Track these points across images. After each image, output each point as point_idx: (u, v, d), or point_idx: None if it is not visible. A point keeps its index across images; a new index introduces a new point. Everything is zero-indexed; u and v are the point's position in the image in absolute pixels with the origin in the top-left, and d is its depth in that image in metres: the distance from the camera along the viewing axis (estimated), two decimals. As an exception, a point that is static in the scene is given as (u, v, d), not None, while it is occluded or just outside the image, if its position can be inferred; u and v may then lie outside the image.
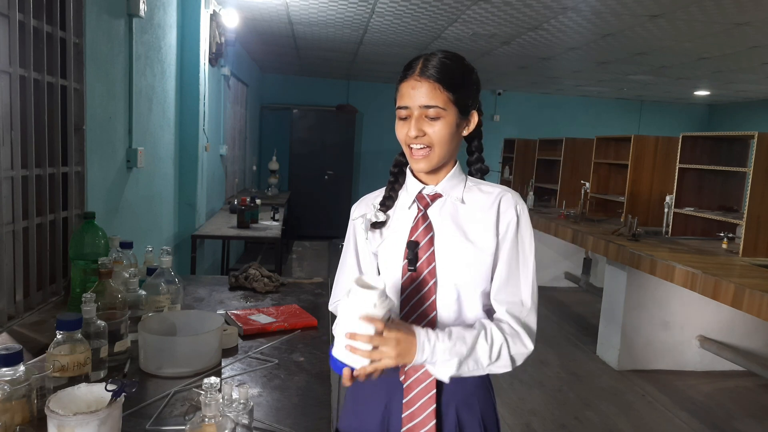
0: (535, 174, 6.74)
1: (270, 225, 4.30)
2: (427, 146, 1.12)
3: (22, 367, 1.00)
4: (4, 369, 0.98)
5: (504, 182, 7.74)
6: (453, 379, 1.12)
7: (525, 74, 7.16)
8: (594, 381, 3.84)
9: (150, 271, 1.69)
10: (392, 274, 1.18)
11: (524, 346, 1.12)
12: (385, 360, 1.02)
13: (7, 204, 1.68)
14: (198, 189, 3.91)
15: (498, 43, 5.28)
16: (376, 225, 1.22)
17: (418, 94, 1.10)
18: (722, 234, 3.84)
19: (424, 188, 1.19)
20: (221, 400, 1.02)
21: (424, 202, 1.19)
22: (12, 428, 0.98)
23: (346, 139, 8.48)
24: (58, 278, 1.99)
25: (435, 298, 1.15)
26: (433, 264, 1.15)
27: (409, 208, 1.21)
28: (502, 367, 1.12)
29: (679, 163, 4.14)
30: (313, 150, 8.36)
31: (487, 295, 1.16)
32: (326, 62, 7.14)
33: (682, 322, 4.06)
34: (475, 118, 1.18)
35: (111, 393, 0.96)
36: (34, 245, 1.82)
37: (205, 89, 3.95)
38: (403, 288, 1.16)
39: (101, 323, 1.27)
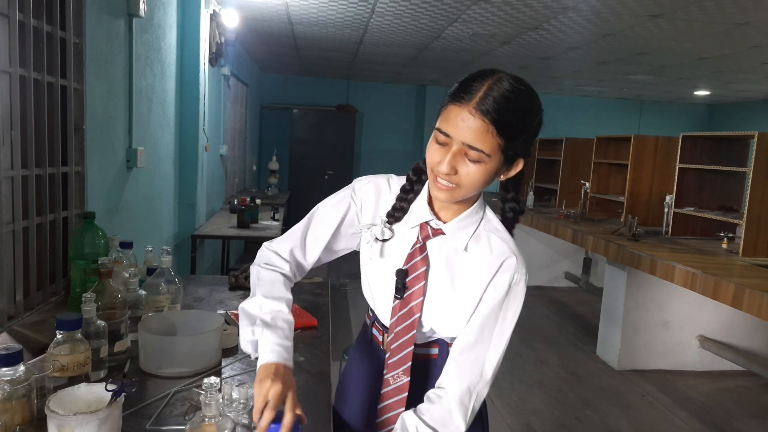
0: (535, 174, 6.74)
1: (270, 225, 4.30)
2: (455, 185, 1.00)
3: (22, 367, 1.00)
4: (4, 369, 0.98)
5: (504, 182, 7.73)
6: (431, 378, 1.17)
7: (525, 74, 7.11)
8: (594, 381, 3.84)
9: (150, 271, 1.69)
10: (382, 293, 1.17)
11: (457, 429, 1.01)
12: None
13: (7, 204, 1.68)
14: (198, 189, 3.91)
15: (498, 43, 5.28)
16: (381, 239, 1.15)
17: (467, 129, 0.95)
18: (722, 234, 3.84)
19: (431, 220, 1.10)
20: (221, 400, 1.02)
21: (425, 233, 1.11)
22: (12, 428, 0.98)
23: (346, 139, 8.48)
24: (58, 278, 1.99)
25: (415, 333, 1.13)
26: (421, 299, 1.10)
27: (412, 228, 1.12)
28: None
29: (679, 163, 4.15)
30: (313, 150, 8.35)
31: None
32: (326, 62, 7.14)
33: (682, 322, 4.06)
34: (519, 167, 1.04)
35: (111, 393, 0.96)
36: (34, 245, 1.82)
37: (205, 89, 3.95)
38: (392, 312, 1.15)
39: (101, 323, 1.27)
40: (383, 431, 1.17)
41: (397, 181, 1.19)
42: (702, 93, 8.13)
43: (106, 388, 0.97)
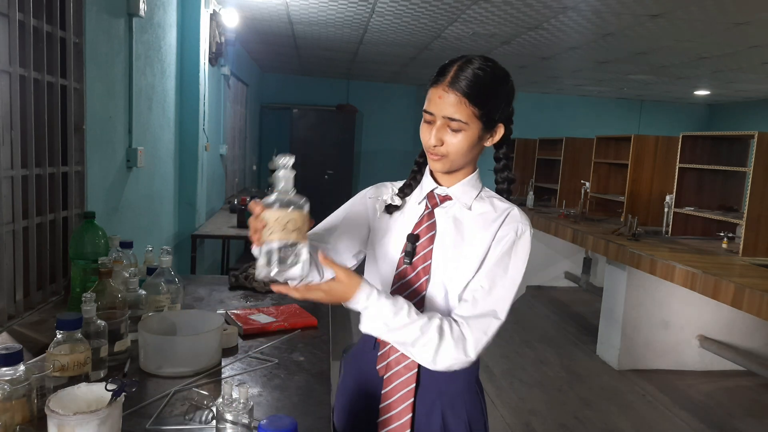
0: (535, 173, 6.74)
1: (270, 224, 4.30)
2: (445, 154, 1.13)
3: (22, 367, 1.00)
4: (4, 368, 0.98)
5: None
6: (440, 379, 1.16)
7: (525, 74, 7.16)
8: (594, 380, 3.84)
9: (150, 271, 1.69)
10: (388, 263, 1.20)
11: (464, 353, 1.06)
12: (317, 294, 1.06)
13: (7, 203, 1.68)
14: (198, 188, 3.91)
15: (498, 43, 5.28)
16: (390, 208, 1.24)
17: (444, 104, 1.10)
18: (722, 234, 3.84)
19: (436, 188, 1.21)
20: (224, 396, 1.02)
21: (434, 201, 1.21)
22: (12, 428, 0.98)
23: (346, 138, 8.47)
24: (58, 278, 1.99)
25: (425, 295, 1.16)
26: (428, 261, 1.16)
27: (419, 203, 1.23)
28: (421, 359, 1.09)
29: (679, 162, 4.14)
30: (313, 150, 8.35)
31: None
32: (326, 62, 7.14)
33: (682, 322, 4.06)
34: (501, 131, 1.18)
35: (111, 392, 0.96)
36: (34, 245, 1.82)
37: (205, 89, 3.94)
38: (395, 280, 1.18)
39: (101, 323, 1.27)
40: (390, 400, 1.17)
41: (399, 182, 1.30)
42: (702, 93, 8.13)
43: (106, 388, 0.97)
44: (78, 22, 2.03)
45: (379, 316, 1.05)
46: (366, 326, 1.07)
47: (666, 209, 4.26)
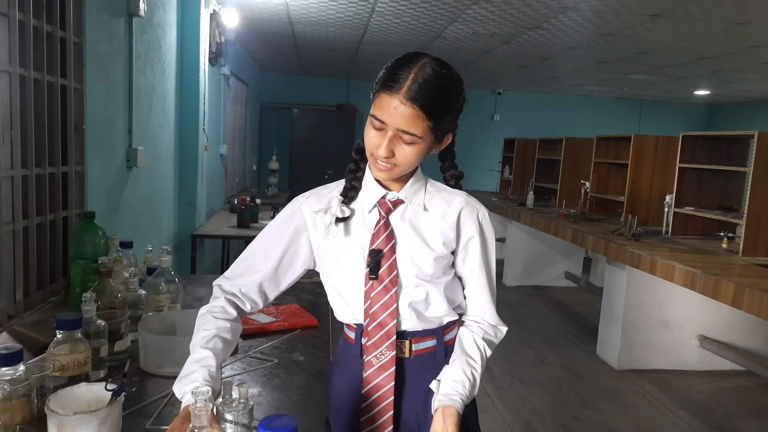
0: (535, 173, 6.74)
1: (270, 224, 4.30)
2: (393, 165, 1.10)
3: (22, 367, 1.00)
4: (4, 368, 0.98)
5: (504, 182, 7.74)
6: (431, 370, 1.17)
7: (525, 74, 7.16)
8: (594, 380, 3.84)
9: (150, 271, 1.69)
10: (350, 279, 1.17)
11: (502, 334, 1.24)
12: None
13: (7, 203, 1.68)
14: (198, 188, 3.91)
15: (498, 43, 5.28)
16: (341, 220, 1.17)
17: (399, 116, 1.04)
18: (722, 233, 3.84)
19: (387, 194, 1.17)
20: (222, 399, 1.02)
21: (386, 207, 1.17)
22: (12, 428, 0.98)
23: (346, 138, 8.47)
24: (58, 278, 1.99)
25: (396, 307, 1.14)
26: (395, 272, 1.14)
27: (370, 212, 1.18)
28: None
29: (679, 162, 4.14)
30: (313, 149, 8.35)
31: (446, 291, 1.19)
32: (326, 62, 7.14)
33: (682, 322, 4.06)
34: (448, 140, 1.16)
35: (111, 392, 0.96)
36: (34, 245, 1.82)
37: (205, 89, 3.94)
38: (366, 297, 1.15)
39: (101, 323, 1.27)
40: (374, 411, 1.16)
41: (333, 184, 1.26)
42: (702, 92, 8.13)
43: (106, 388, 0.97)
44: (78, 22, 2.03)
45: (467, 392, 1.11)
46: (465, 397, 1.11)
47: (666, 209, 4.26)
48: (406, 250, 1.15)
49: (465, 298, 1.24)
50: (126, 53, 2.59)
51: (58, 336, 1.14)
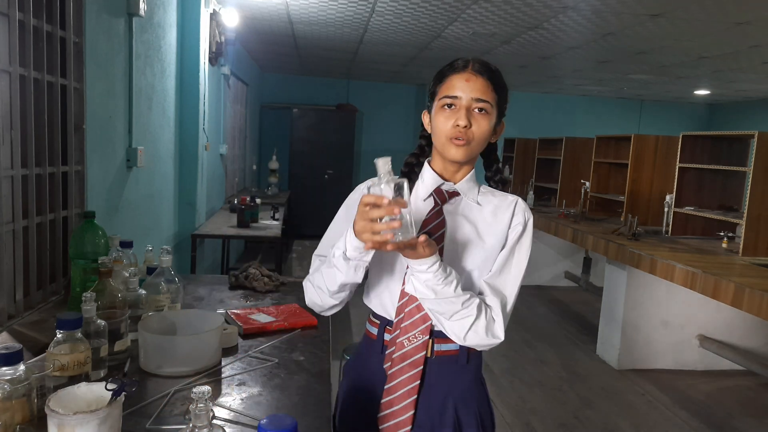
0: (535, 173, 6.74)
1: (270, 224, 4.30)
2: (467, 141, 1.15)
3: (22, 366, 1.00)
4: (4, 368, 0.98)
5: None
6: (449, 376, 1.16)
7: (525, 73, 7.16)
8: (594, 380, 3.84)
9: (150, 271, 1.69)
10: (395, 258, 1.19)
11: (494, 336, 1.14)
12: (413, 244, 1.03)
13: (7, 203, 1.68)
14: (198, 188, 3.91)
15: (498, 43, 5.27)
16: (397, 189, 1.19)
17: (473, 87, 1.14)
18: (722, 233, 3.84)
19: (443, 184, 1.21)
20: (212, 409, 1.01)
21: (442, 197, 1.21)
22: (12, 427, 0.98)
23: (346, 138, 8.47)
24: (58, 277, 1.99)
25: None
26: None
27: (425, 200, 1.21)
28: (452, 333, 1.13)
29: (679, 162, 4.14)
30: (313, 149, 8.35)
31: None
32: (326, 61, 7.14)
33: (682, 322, 4.06)
34: (502, 129, 1.23)
35: (111, 392, 0.96)
36: (34, 244, 1.82)
37: (205, 88, 3.94)
38: (406, 277, 1.17)
39: (101, 322, 1.27)
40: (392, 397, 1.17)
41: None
42: (702, 92, 8.13)
43: (106, 388, 0.97)
44: (78, 22, 2.03)
45: (432, 281, 1.07)
46: (415, 289, 1.09)
47: (666, 209, 4.26)
48: (455, 239, 1.18)
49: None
50: (126, 53, 2.58)
51: (58, 336, 1.14)
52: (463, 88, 1.14)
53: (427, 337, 1.16)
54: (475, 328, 1.11)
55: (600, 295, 4.55)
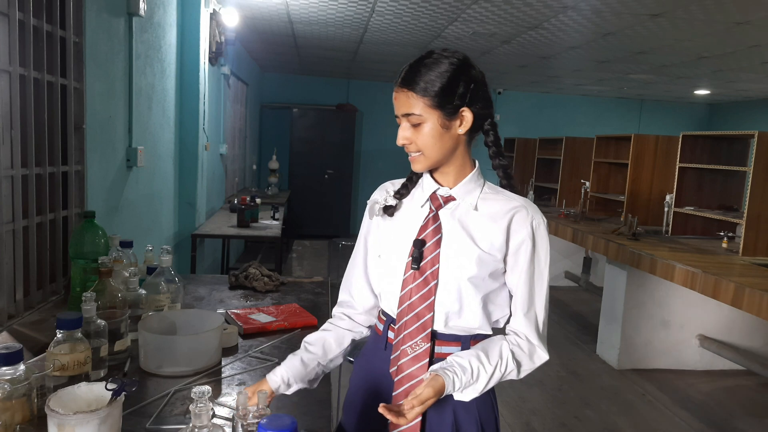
0: (535, 173, 6.74)
1: (270, 224, 4.30)
2: (418, 152, 1.15)
3: (22, 366, 1.00)
4: (5, 368, 0.98)
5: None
6: None
7: (525, 73, 7.16)
8: (594, 380, 3.84)
9: (150, 270, 1.69)
10: (394, 267, 1.19)
11: (540, 359, 1.18)
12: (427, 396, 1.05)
13: (7, 203, 1.68)
14: (198, 188, 3.91)
15: (498, 42, 5.27)
16: (387, 209, 1.23)
17: (398, 104, 1.14)
18: (722, 233, 3.84)
19: (438, 189, 1.20)
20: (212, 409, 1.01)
21: (437, 203, 1.19)
22: (12, 427, 0.98)
23: (346, 138, 8.47)
24: (59, 277, 1.99)
25: (434, 300, 1.15)
26: (436, 266, 1.15)
27: (422, 206, 1.21)
28: (509, 379, 1.19)
29: (679, 162, 4.14)
30: (313, 149, 8.35)
31: (487, 301, 1.17)
32: (326, 61, 7.14)
33: (682, 321, 4.06)
34: (468, 115, 1.13)
35: (111, 392, 0.96)
36: (34, 244, 1.82)
37: (205, 88, 3.94)
38: (404, 285, 1.17)
39: (101, 322, 1.27)
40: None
41: (399, 180, 1.29)
42: (702, 92, 8.13)
43: (106, 387, 0.97)
44: (78, 22, 2.03)
45: (470, 392, 1.11)
46: (466, 397, 1.12)
47: (666, 209, 4.26)
48: (451, 245, 1.16)
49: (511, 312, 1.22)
50: (126, 53, 2.58)
51: (58, 335, 1.14)
52: (395, 105, 1.15)
53: (428, 344, 1.16)
54: (522, 369, 1.17)
55: (600, 294, 4.55)
